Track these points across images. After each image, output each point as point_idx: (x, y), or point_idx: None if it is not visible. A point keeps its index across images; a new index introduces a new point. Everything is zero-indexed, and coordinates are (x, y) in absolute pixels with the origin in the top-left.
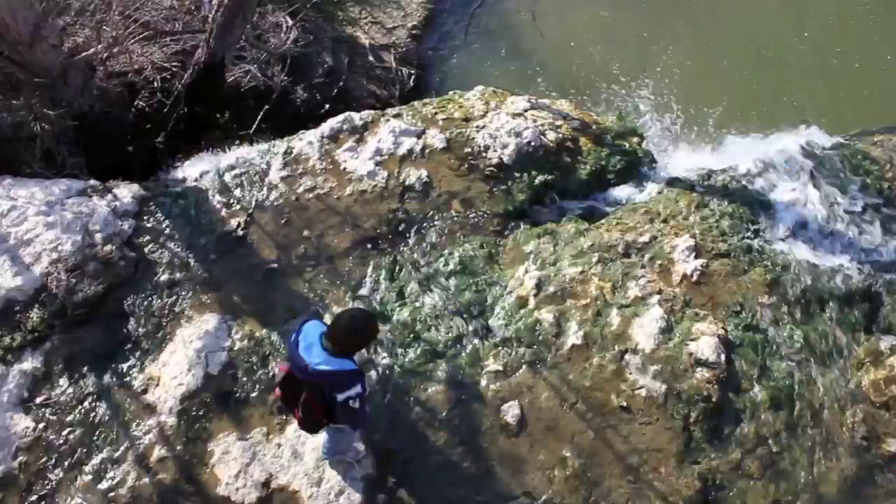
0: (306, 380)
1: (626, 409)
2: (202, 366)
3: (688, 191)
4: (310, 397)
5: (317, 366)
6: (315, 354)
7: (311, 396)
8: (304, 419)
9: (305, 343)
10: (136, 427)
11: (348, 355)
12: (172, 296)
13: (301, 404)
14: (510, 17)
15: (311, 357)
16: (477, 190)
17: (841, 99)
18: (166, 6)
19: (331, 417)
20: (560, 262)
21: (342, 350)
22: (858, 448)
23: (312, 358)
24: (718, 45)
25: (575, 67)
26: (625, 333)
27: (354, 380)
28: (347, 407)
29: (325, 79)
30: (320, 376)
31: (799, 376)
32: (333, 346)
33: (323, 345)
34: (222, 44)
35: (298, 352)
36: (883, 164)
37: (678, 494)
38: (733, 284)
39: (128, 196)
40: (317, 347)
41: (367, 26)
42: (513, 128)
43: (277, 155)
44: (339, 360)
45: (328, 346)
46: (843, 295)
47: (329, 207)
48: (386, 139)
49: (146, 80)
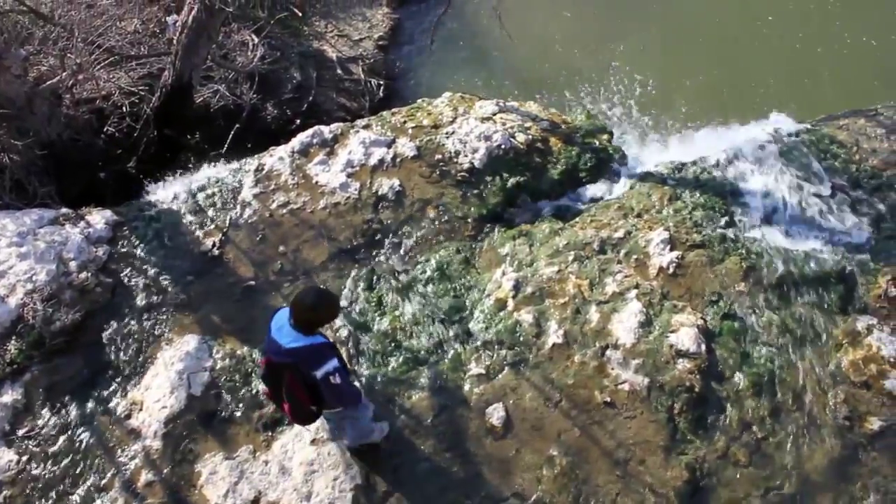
0: (282, 361)
1: (610, 404)
2: (185, 387)
3: (660, 184)
4: (291, 381)
5: (287, 344)
6: (285, 334)
7: (292, 380)
8: (292, 409)
9: (277, 326)
10: (122, 453)
11: (314, 331)
12: (151, 319)
13: (285, 392)
14: (474, 22)
15: (282, 338)
16: (450, 196)
17: (806, 84)
18: (130, 31)
19: (320, 402)
20: (536, 262)
21: (305, 327)
22: (841, 428)
23: (283, 338)
24: (683, 38)
25: (542, 68)
26: (605, 329)
27: (326, 353)
28: (329, 383)
29: (295, 94)
30: (292, 354)
31: (779, 361)
32: (298, 325)
33: (291, 325)
34: (188, 65)
35: (272, 335)
36: (850, 148)
37: (667, 486)
38: (710, 274)
39: (101, 222)
40: (286, 328)
41: (333, 39)
42: (482, 132)
43: (249, 172)
44: (307, 337)
45: (295, 325)
46: (818, 278)
47: (303, 222)
48: (356, 151)
49: (114, 105)
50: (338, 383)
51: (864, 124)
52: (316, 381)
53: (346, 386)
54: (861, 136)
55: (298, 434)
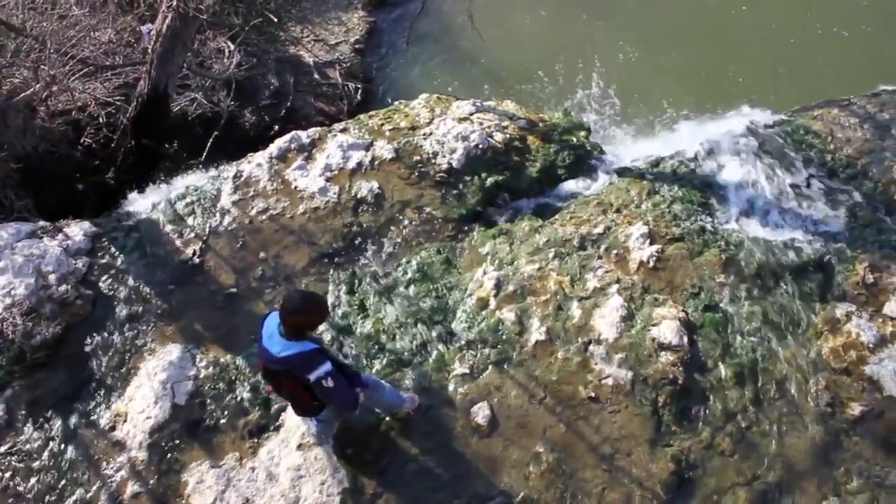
0: (276, 369)
1: (594, 399)
2: (169, 397)
3: (638, 179)
4: (290, 385)
5: (279, 353)
6: (275, 343)
7: (290, 384)
8: (295, 406)
9: (267, 334)
10: (107, 465)
11: (303, 337)
12: (133, 330)
13: (286, 393)
14: (450, 23)
15: (273, 346)
16: (429, 197)
17: (780, 74)
18: (104, 41)
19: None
20: (517, 260)
21: (293, 333)
22: (824, 415)
23: (274, 347)
24: (657, 32)
25: (518, 67)
26: (587, 325)
27: (317, 359)
28: (322, 387)
29: (272, 100)
30: (284, 362)
31: (761, 351)
32: (287, 331)
33: (280, 332)
34: (164, 74)
35: (263, 344)
36: (824, 138)
37: (653, 478)
38: (690, 267)
39: (79, 234)
40: (276, 336)
41: (310, 44)
42: (459, 132)
43: (227, 180)
44: (296, 343)
45: (283, 332)
46: (797, 267)
47: (283, 227)
48: (335, 154)
49: (90, 116)
50: (330, 387)
51: (838, 114)
52: (310, 385)
53: (338, 389)
54: (835, 126)
55: (285, 440)
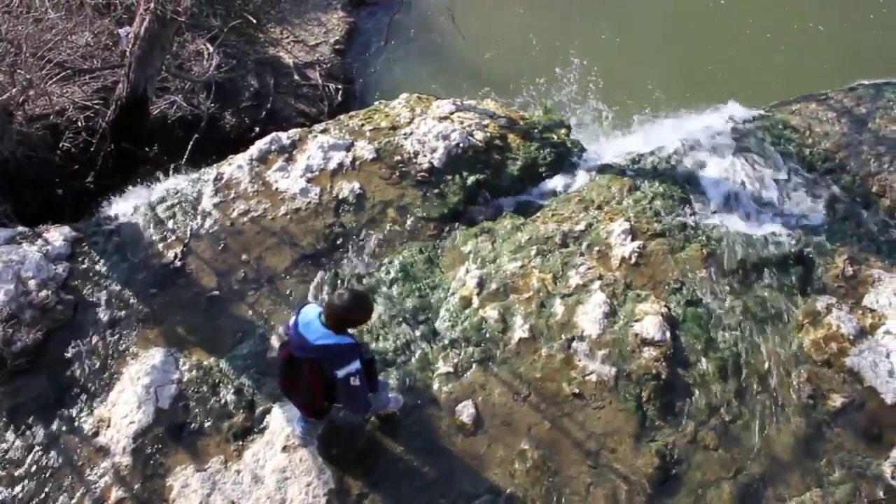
0: (306, 357)
1: (578, 395)
2: (152, 401)
3: (619, 176)
4: (310, 376)
5: (316, 341)
6: (314, 330)
7: (311, 376)
8: (307, 403)
9: (304, 321)
10: (91, 471)
11: (344, 332)
12: (115, 334)
13: (302, 385)
14: (430, 22)
15: (310, 333)
16: (411, 196)
17: (758, 69)
18: (81, 44)
19: (332, 399)
20: (499, 258)
21: (337, 326)
22: (806, 407)
23: (311, 334)
24: (636, 29)
25: (498, 66)
26: (570, 322)
27: (352, 355)
28: (348, 385)
29: (253, 102)
30: (320, 351)
31: (743, 344)
32: (330, 323)
33: (321, 321)
34: (143, 77)
35: (298, 330)
36: (803, 132)
37: (638, 473)
38: (671, 262)
39: (59, 239)
40: (315, 324)
41: (289, 45)
42: (440, 131)
43: (208, 182)
44: (337, 335)
45: (326, 323)
46: (778, 261)
47: (265, 229)
48: (315, 155)
49: (69, 120)
50: (356, 385)
51: (816, 108)
52: (335, 380)
53: (362, 390)
54: (813, 121)
55: (270, 442)
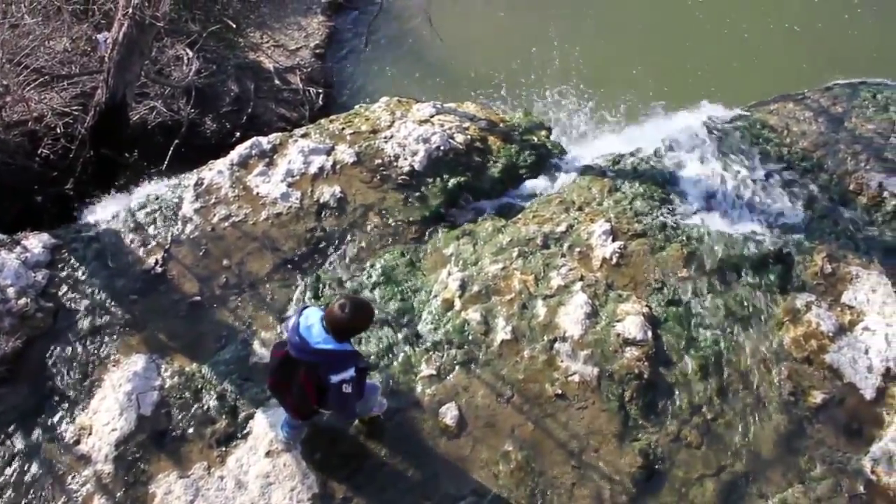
0: (305, 359)
1: (561, 396)
2: (134, 408)
3: (599, 177)
4: (304, 379)
5: (317, 344)
6: (316, 334)
7: (305, 378)
8: (297, 405)
9: (306, 324)
10: (72, 480)
11: (345, 339)
12: (96, 342)
13: (294, 386)
14: (410, 25)
15: (311, 336)
16: (392, 200)
17: (736, 69)
18: (59, 50)
19: (321, 402)
20: (481, 260)
21: (338, 334)
22: (787, 403)
23: (313, 337)
24: (614, 29)
25: (478, 69)
26: (552, 323)
27: (350, 362)
28: (340, 391)
29: (233, 107)
30: (319, 355)
31: (724, 343)
32: (331, 330)
33: (323, 326)
34: (122, 82)
35: (299, 331)
36: (780, 132)
37: (622, 473)
38: (652, 262)
39: (38, 246)
40: (317, 328)
41: (269, 50)
42: (420, 134)
43: (188, 188)
44: (338, 343)
45: (328, 330)
46: (757, 260)
47: (246, 234)
48: (296, 160)
49: (47, 126)
50: (348, 392)
51: (793, 108)
52: (328, 385)
53: (352, 398)
54: (791, 120)
55: (253, 447)
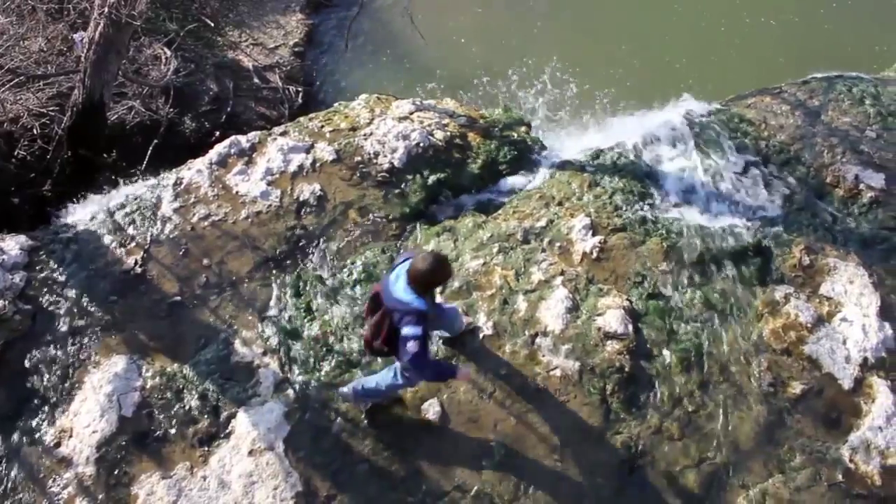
0: (386, 304)
1: (543, 390)
2: (115, 409)
3: (579, 172)
4: (383, 319)
5: (395, 294)
6: (399, 286)
7: (384, 318)
8: (370, 334)
9: (395, 275)
10: (53, 483)
11: (423, 294)
12: (76, 343)
13: (375, 321)
14: (390, 23)
15: (394, 286)
16: (372, 197)
17: (713, 63)
18: (35, 50)
19: (389, 345)
20: (462, 256)
21: (419, 287)
22: (766, 395)
23: (396, 287)
24: (593, 27)
25: (457, 65)
26: (533, 318)
27: (418, 320)
28: (405, 344)
29: (212, 106)
30: (395, 303)
31: (705, 336)
32: (411, 280)
33: (407, 282)
34: (99, 82)
35: (389, 278)
36: (758, 125)
37: (605, 466)
38: (632, 256)
39: (15, 248)
40: (402, 280)
41: (248, 49)
42: (400, 132)
43: (167, 187)
44: (416, 297)
45: (409, 279)
46: (736, 252)
47: (226, 233)
48: (275, 158)
49: (24, 127)
50: (413, 351)
51: (771, 102)
52: (398, 334)
53: (417, 356)
54: (768, 114)
55: (235, 446)
